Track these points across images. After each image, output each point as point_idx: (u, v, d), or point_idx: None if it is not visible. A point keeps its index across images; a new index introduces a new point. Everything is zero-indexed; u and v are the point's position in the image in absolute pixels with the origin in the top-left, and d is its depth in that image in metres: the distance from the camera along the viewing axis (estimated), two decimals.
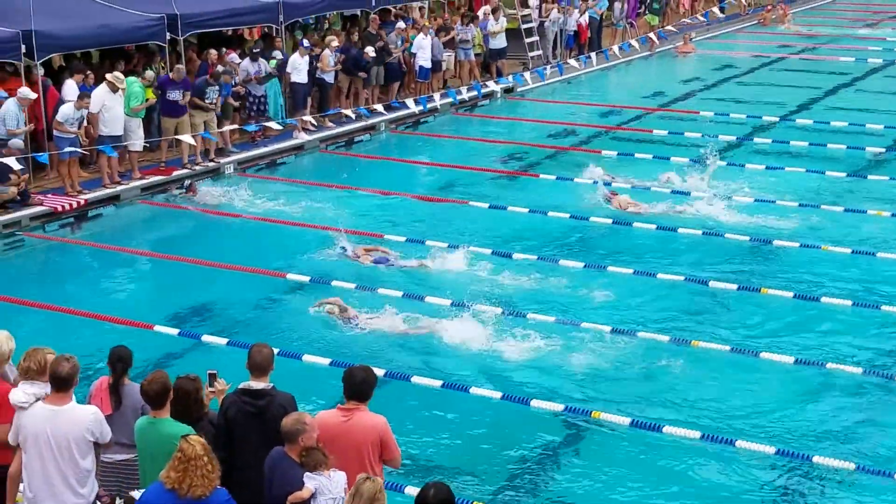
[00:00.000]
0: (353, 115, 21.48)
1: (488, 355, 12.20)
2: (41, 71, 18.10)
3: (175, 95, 18.72)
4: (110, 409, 7.75)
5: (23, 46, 17.15)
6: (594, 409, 10.77)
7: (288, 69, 21.27)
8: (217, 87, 19.26)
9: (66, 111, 16.97)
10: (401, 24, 24.51)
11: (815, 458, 9.83)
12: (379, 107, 22.20)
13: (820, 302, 13.44)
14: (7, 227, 16.38)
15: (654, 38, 31.19)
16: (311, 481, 6.82)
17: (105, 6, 19.22)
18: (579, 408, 10.82)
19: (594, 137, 22.66)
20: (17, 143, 16.42)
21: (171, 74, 18.83)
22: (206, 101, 19.08)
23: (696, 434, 10.27)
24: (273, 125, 20.33)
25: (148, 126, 19.06)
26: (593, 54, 28.58)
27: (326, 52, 21.93)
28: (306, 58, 21.35)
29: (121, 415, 7.77)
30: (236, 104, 20.63)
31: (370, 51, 22.64)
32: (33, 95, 16.95)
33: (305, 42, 21.79)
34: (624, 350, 12.28)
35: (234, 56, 20.88)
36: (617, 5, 31.96)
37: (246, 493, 7.15)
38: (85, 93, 17.29)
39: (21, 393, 7.29)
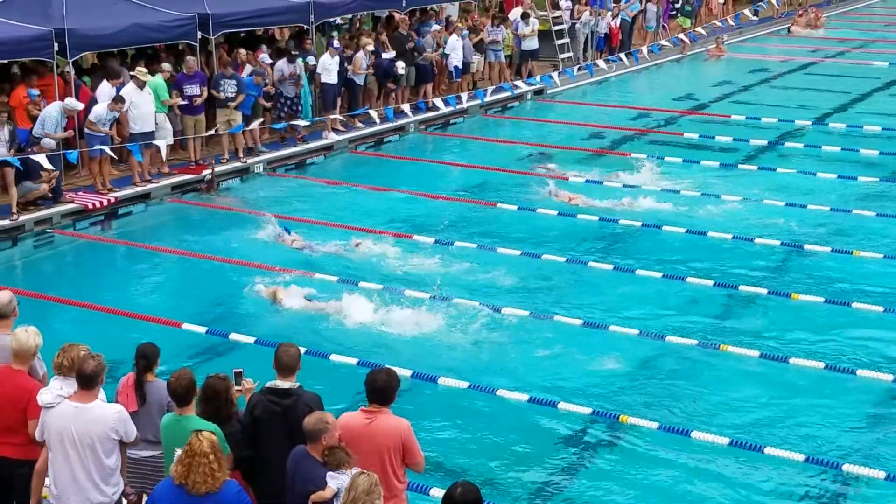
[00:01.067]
0: (377, 120, 21.39)
1: (515, 357, 12.15)
2: (72, 70, 18.21)
3: (191, 90, 18.77)
4: (136, 405, 7.78)
5: (55, 45, 17.25)
6: (622, 412, 10.70)
7: (318, 69, 21.30)
8: (234, 82, 19.26)
9: (99, 111, 17.08)
10: (436, 27, 24.46)
11: (845, 467, 9.72)
12: (406, 108, 22.19)
13: (851, 307, 13.30)
14: (38, 224, 16.49)
15: (686, 39, 31.01)
16: (333, 481, 6.80)
17: (137, 5, 19.31)
18: (607, 411, 10.75)
19: (624, 140, 22.56)
20: (49, 142, 16.54)
21: (183, 69, 18.86)
22: (220, 94, 19.06)
23: (725, 440, 10.17)
24: (301, 123, 20.32)
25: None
26: (623, 55, 28.46)
27: (360, 54, 21.93)
28: (336, 58, 21.38)
29: (146, 412, 7.79)
30: (267, 104, 20.66)
31: (401, 66, 22.62)
32: (80, 106, 17.11)
33: (336, 43, 21.81)
34: (652, 354, 12.21)
35: (265, 56, 20.92)
36: (651, 7, 31.79)
37: (271, 492, 7.16)
38: (119, 96, 17.38)
39: (48, 394, 7.31)
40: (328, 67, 21.31)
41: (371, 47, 22.31)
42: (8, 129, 15.94)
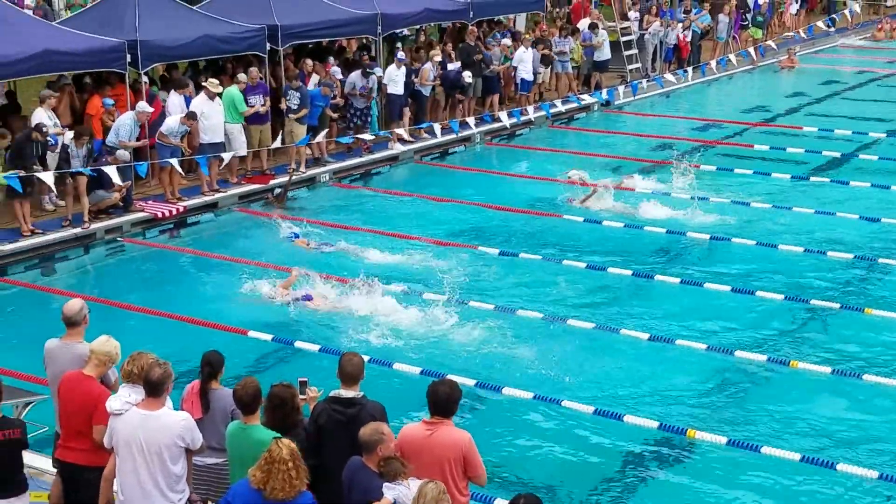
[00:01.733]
0: (438, 134, 21.34)
1: (580, 369, 12.03)
2: (146, 80, 18.50)
3: (255, 100, 18.95)
4: (200, 413, 7.81)
5: (128, 56, 17.53)
6: (690, 427, 10.53)
7: (384, 80, 21.36)
8: (299, 94, 19.37)
9: (171, 125, 17.33)
10: (506, 42, 24.36)
11: None
12: (471, 121, 22.11)
13: None
14: (109, 232, 16.74)
15: (753, 53, 30.57)
16: (390, 491, 6.76)
17: (207, 17, 19.55)
18: (675, 425, 10.59)
19: (693, 151, 22.29)
20: (124, 154, 16.77)
21: (247, 80, 19.04)
22: (286, 105, 19.16)
23: (796, 456, 9.96)
24: (367, 137, 20.29)
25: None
26: (690, 69, 28.17)
27: (427, 66, 21.97)
28: (403, 69, 21.43)
29: (210, 419, 7.83)
30: (334, 115, 20.76)
31: (468, 76, 22.61)
32: (150, 109, 17.35)
33: (401, 54, 21.87)
34: (720, 368, 12.01)
35: (336, 70, 21.02)
36: (723, 18, 31.41)
37: (334, 500, 7.13)
38: (192, 112, 17.57)
39: (116, 401, 7.38)
40: (394, 78, 21.37)
41: (438, 58, 22.35)
42: (87, 147, 16.22)
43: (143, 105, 17.17)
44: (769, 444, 10.18)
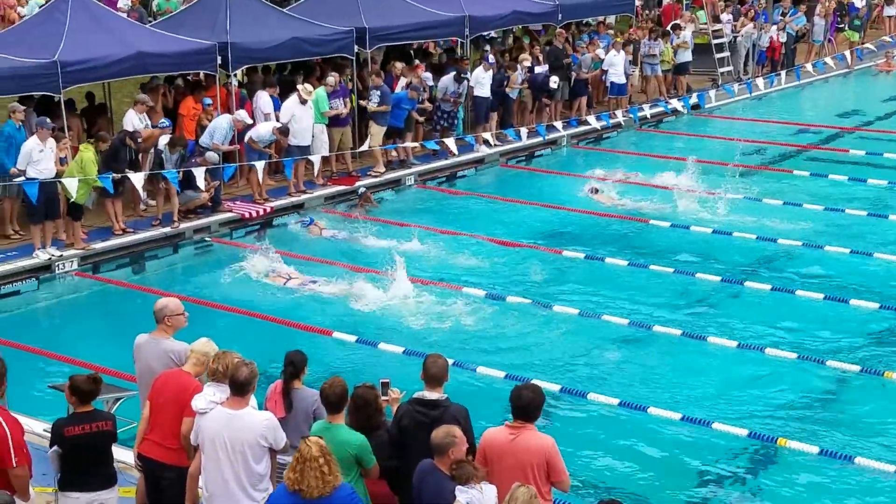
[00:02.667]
0: (524, 138, 21.16)
1: (667, 376, 11.84)
2: (235, 82, 18.73)
3: (336, 104, 19.04)
4: (283, 412, 7.83)
5: (218, 58, 17.77)
6: (780, 436, 10.28)
7: (471, 83, 21.29)
8: (378, 92, 19.34)
9: (262, 133, 17.51)
10: (600, 52, 24.08)
11: None
12: (558, 125, 21.92)
13: None
14: (198, 231, 16.98)
15: (850, 57, 29.85)
16: (463, 495, 6.69)
17: (297, 19, 19.73)
18: (764, 434, 10.33)
19: (785, 157, 21.86)
20: (213, 156, 16.98)
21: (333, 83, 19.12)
22: (367, 103, 19.23)
23: (891, 468, 9.65)
24: (451, 144, 20.14)
25: None
26: (783, 73, 27.59)
27: (517, 72, 21.85)
28: (490, 72, 21.35)
29: (292, 419, 7.84)
30: (420, 118, 20.77)
31: (554, 81, 22.47)
32: (249, 121, 17.62)
33: (490, 57, 21.77)
34: (811, 377, 11.72)
35: (428, 75, 21.01)
36: (818, 21, 30.72)
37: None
38: (285, 127, 17.74)
39: (201, 399, 7.44)
40: (481, 81, 21.30)
41: (528, 63, 22.22)
42: (179, 154, 16.48)
43: (243, 114, 17.45)
44: (862, 454, 9.90)
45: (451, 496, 6.70)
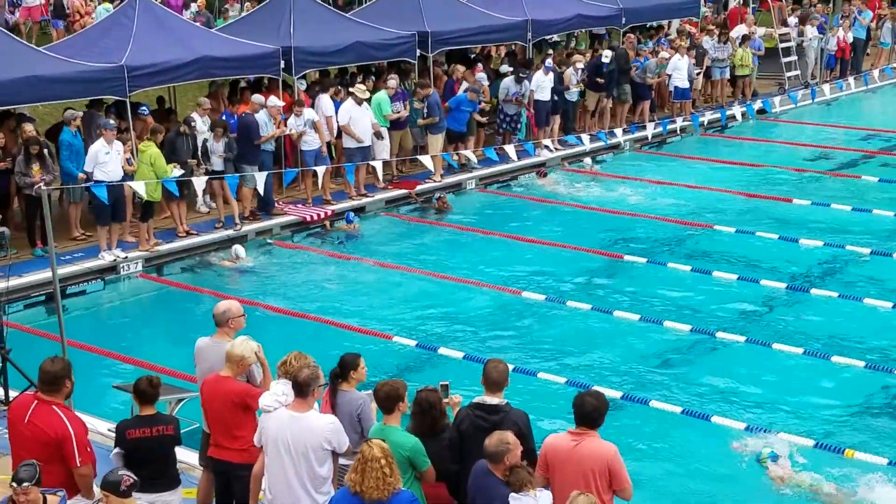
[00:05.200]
0: (584, 143, 21.00)
1: (729, 384, 11.68)
2: (302, 86, 18.84)
3: (397, 107, 19.06)
4: (329, 413, 7.80)
5: (282, 62, 17.89)
6: (847, 447, 10.07)
7: (532, 87, 21.18)
8: (424, 104, 19.29)
9: (268, 402, 16.55)
10: (664, 55, 23.87)
11: None
12: (619, 130, 21.73)
13: None
14: (260, 234, 17.09)
15: None
16: (516, 502, 6.63)
17: (359, 24, 19.82)
18: (831, 444, 10.13)
19: (854, 162, 21.47)
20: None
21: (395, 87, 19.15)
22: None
23: None
24: (510, 151, 20.03)
25: None
26: (851, 79, 27.11)
27: (569, 70, 21.77)
28: (550, 76, 21.23)
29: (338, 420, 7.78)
30: (483, 120, 20.70)
31: (607, 54, 22.35)
32: (281, 103, 17.62)
33: (549, 62, 21.68)
34: (878, 387, 11.50)
35: (482, 75, 21.00)
36: (888, 24, 30.14)
37: None
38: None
39: (269, 397, 7.45)
40: (542, 85, 21.18)
41: (581, 64, 22.07)
42: (224, 141, 16.57)
43: (273, 100, 17.45)
44: None
45: (505, 502, 6.63)
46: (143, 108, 17.00)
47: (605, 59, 22.33)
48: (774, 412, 11.01)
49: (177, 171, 15.55)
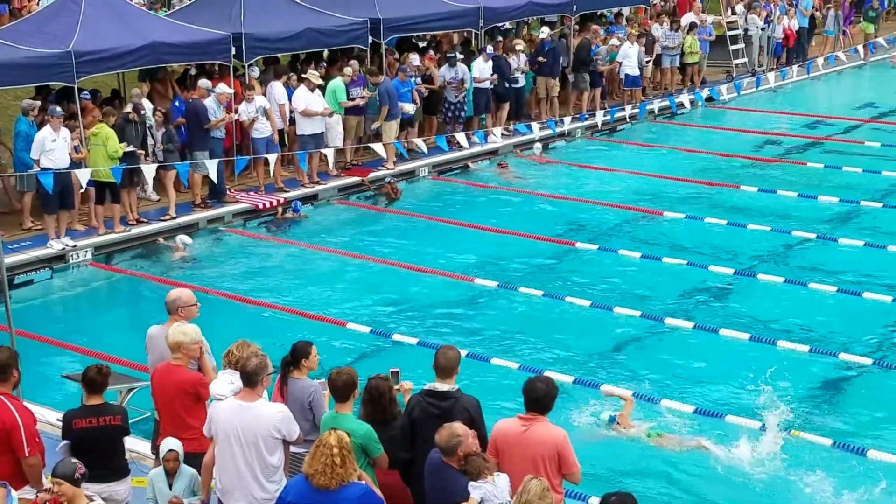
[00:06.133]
0: (533, 130, 21.08)
1: (680, 369, 11.83)
2: (255, 73, 18.74)
3: (355, 92, 19.04)
4: (281, 402, 7.82)
5: (232, 48, 17.78)
6: (793, 427, 10.26)
7: (474, 74, 21.18)
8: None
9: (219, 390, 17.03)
10: (614, 42, 24.06)
11: None
12: (567, 119, 21.86)
13: None
14: (211, 222, 17.01)
15: (862, 50, 29.64)
16: (476, 491, 6.69)
17: (311, 10, 19.72)
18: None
19: (800, 149, 21.78)
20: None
21: (352, 73, 19.09)
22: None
23: None
24: (461, 139, 20.08)
25: None
26: (794, 67, 27.50)
27: (514, 57, 21.88)
28: (490, 63, 21.25)
29: (289, 408, 7.78)
30: (417, 100, 20.45)
31: (545, 31, 22.72)
32: (230, 91, 17.53)
33: (489, 48, 21.72)
34: (823, 370, 11.70)
35: (414, 56, 20.91)
36: (830, 12, 30.57)
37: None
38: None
39: (222, 385, 7.45)
40: (482, 71, 21.19)
41: (521, 47, 22.18)
42: (163, 131, 16.49)
43: (222, 87, 17.33)
44: (875, 447, 9.89)
45: (465, 492, 6.70)
46: (84, 93, 16.84)
47: (543, 35, 22.51)
48: (721, 395, 11.18)
49: (128, 149, 15.49)
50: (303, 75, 18.54)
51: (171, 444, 7.63)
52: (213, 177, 16.63)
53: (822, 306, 13.45)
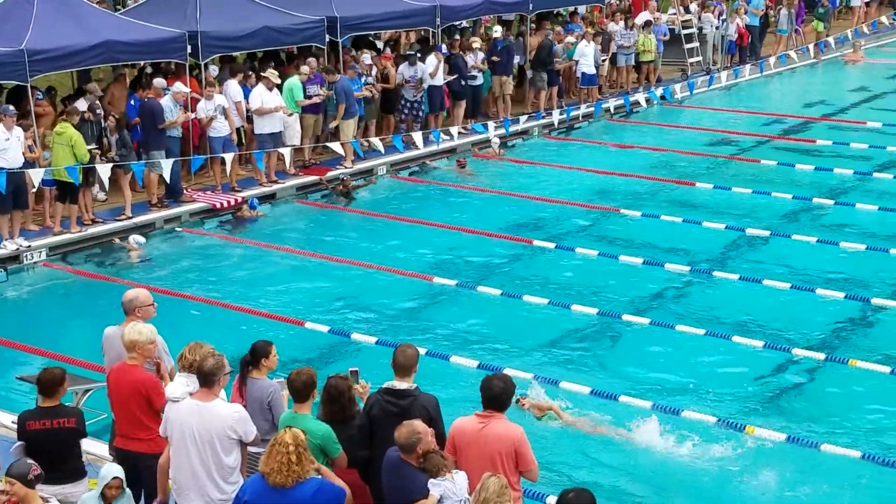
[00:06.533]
0: (491, 129, 21.18)
1: (636, 366, 11.93)
2: (214, 72, 18.63)
3: (312, 90, 19.02)
4: (241, 401, 7.81)
5: (188, 46, 17.68)
6: (748, 423, 10.38)
7: (428, 71, 21.19)
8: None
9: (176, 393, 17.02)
10: (570, 39, 24.22)
11: None
12: (522, 118, 21.97)
13: None
14: (168, 222, 16.91)
15: (813, 49, 30.05)
16: (436, 488, 6.72)
17: (268, 8, 19.64)
18: (733, 421, 10.41)
19: (754, 146, 22.03)
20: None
21: (308, 72, 19.05)
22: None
23: (857, 453, 9.82)
24: (417, 138, 20.12)
25: None
26: (747, 66, 27.81)
27: (470, 55, 21.95)
28: (442, 61, 21.27)
29: (248, 408, 7.75)
30: (366, 93, 20.33)
31: (497, 30, 22.85)
32: (186, 90, 17.44)
33: (443, 46, 21.78)
34: (778, 365, 11.85)
35: (366, 56, 20.86)
36: (783, 11, 30.93)
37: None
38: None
39: (177, 387, 7.42)
40: (435, 70, 21.22)
41: (477, 45, 22.27)
42: (116, 136, 16.40)
43: (178, 86, 17.24)
44: (829, 441, 10.04)
45: (425, 490, 6.72)
46: (38, 94, 16.69)
47: (496, 34, 22.59)
48: (678, 391, 11.28)
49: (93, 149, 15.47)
50: (261, 74, 18.47)
51: (114, 471, 7.36)
52: (167, 176, 16.53)
53: (776, 302, 13.62)
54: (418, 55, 21.16)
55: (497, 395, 7.10)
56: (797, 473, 9.67)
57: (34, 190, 15.68)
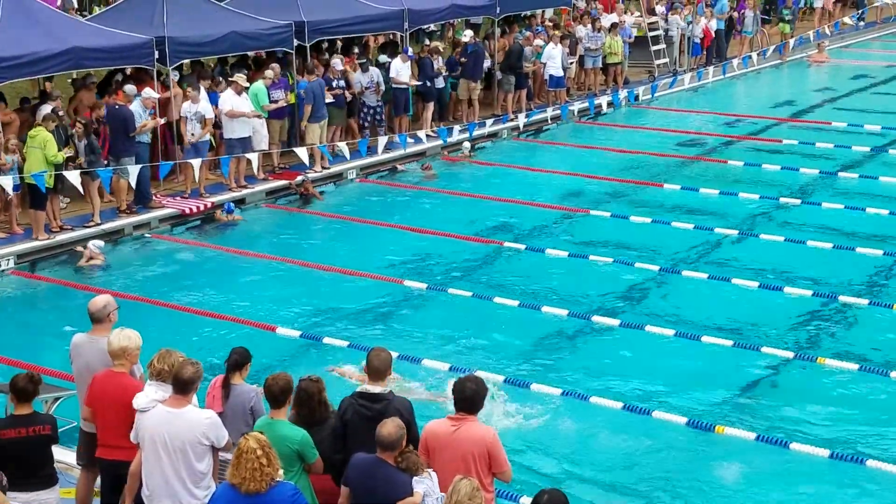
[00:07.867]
0: (455, 134, 21.25)
1: (606, 366, 11.99)
2: (176, 76, 18.56)
3: (277, 95, 19.01)
4: (221, 406, 7.80)
5: (156, 52, 17.60)
6: (718, 423, 10.45)
7: (391, 74, 21.26)
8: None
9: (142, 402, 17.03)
10: (539, 42, 24.35)
11: None
12: (489, 121, 22.03)
13: None
14: (137, 228, 16.82)
15: (770, 52, 30.35)
16: (419, 485, 6.76)
17: (236, 13, 19.58)
18: (702, 421, 10.49)
19: (721, 147, 22.21)
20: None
21: (273, 76, 19.04)
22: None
23: (825, 452, 9.90)
24: (380, 143, 20.12)
25: None
26: (710, 68, 28.08)
27: (438, 58, 22.03)
28: (408, 64, 21.33)
29: (230, 413, 7.72)
30: (331, 97, 20.34)
31: (468, 34, 23.01)
32: (156, 95, 17.37)
33: (410, 50, 21.81)
34: (747, 365, 11.93)
35: (337, 61, 20.85)
36: (748, 14, 31.19)
37: None
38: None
39: (143, 398, 7.38)
40: (400, 72, 21.26)
41: (442, 48, 22.34)
42: (85, 141, 16.30)
43: (148, 91, 17.18)
44: (798, 440, 10.12)
45: (408, 488, 6.74)
46: None
47: (465, 39, 22.70)
48: (648, 390, 11.35)
49: (69, 153, 15.48)
50: (231, 78, 18.42)
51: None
52: (133, 182, 16.47)
53: (744, 301, 13.73)
54: (377, 60, 21.12)
55: (469, 397, 7.12)
56: (766, 473, 9.75)
57: (9, 198, 15.59)
